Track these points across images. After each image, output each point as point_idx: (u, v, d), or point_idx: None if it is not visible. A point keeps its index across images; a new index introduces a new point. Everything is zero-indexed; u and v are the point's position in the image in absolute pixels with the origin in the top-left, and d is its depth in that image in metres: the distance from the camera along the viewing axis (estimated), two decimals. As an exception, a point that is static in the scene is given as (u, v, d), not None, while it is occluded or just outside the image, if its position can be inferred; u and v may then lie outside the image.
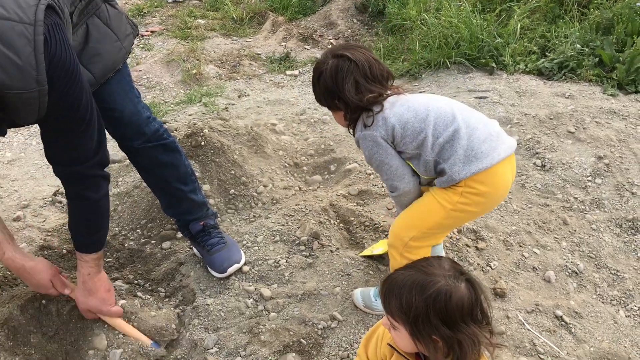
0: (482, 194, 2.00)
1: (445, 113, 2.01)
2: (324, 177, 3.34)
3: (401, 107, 2.03)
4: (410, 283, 1.45)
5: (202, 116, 4.02)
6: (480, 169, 1.95)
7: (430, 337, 1.44)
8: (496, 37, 4.59)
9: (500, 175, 2.00)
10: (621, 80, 4.07)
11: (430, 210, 2.07)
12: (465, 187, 1.99)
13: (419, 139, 1.99)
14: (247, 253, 2.69)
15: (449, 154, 1.97)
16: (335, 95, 2.06)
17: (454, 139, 1.96)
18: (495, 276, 2.61)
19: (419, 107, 2.02)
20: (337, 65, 2.03)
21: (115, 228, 2.93)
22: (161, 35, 5.47)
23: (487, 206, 2.11)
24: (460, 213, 2.04)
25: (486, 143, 1.97)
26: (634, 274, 2.72)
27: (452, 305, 1.41)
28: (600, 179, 3.20)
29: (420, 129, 1.99)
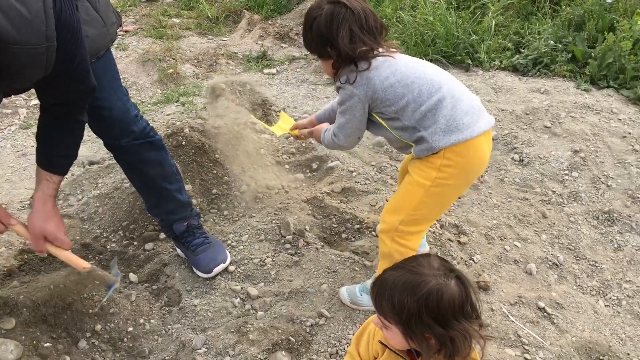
0: (459, 167, 2.00)
1: (431, 81, 1.99)
2: (307, 175, 3.34)
3: (387, 69, 2.00)
4: (402, 284, 1.46)
5: (181, 116, 3.98)
6: (461, 139, 1.95)
7: (423, 336, 1.45)
8: (471, 34, 4.65)
9: (478, 149, 2.01)
10: (594, 76, 4.16)
11: (410, 191, 2.09)
12: (443, 159, 1.99)
13: (399, 104, 1.98)
14: (232, 252, 2.68)
15: (431, 122, 1.97)
16: (327, 42, 2.00)
17: (437, 107, 1.96)
18: (478, 270, 2.64)
19: (406, 72, 2.00)
20: (332, 12, 1.97)
21: (96, 230, 2.89)
22: (136, 35, 5.40)
23: (464, 180, 2.10)
24: (440, 188, 2.04)
25: (468, 115, 1.98)
26: (611, 265, 2.79)
27: (444, 304, 1.42)
28: (576, 173, 3.27)
29: (402, 94, 1.98)
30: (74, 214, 2.97)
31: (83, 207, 3.01)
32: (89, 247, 2.79)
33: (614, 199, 3.14)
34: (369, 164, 3.35)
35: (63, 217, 2.86)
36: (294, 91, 4.45)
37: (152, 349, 2.28)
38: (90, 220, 2.95)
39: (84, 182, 3.23)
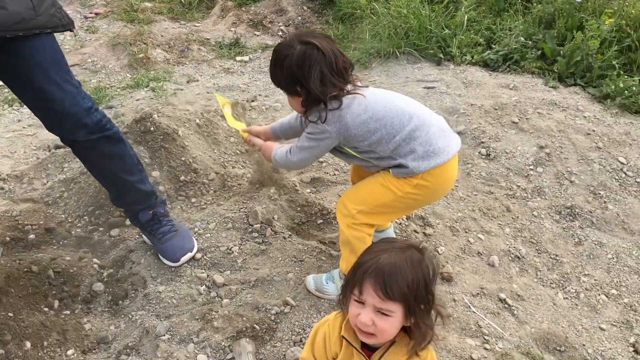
0: (433, 187, 2.11)
1: (402, 112, 2.06)
2: (276, 164, 3.34)
3: (358, 106, 2.05)
4: (402, 261, 1.47)
5: (150, 101, 3.94)
6: (439, 163, 2.05)
7: (420, 307, 1.49)
8: (444, 28, 4.68)
9: (450, 170, 2.13)
10: (562, 73, 4.24)
11: (381, 191, 2.14)
12: (420, 179, 2.07)
13: (372, 138, 2.05)
14: (199, 240, 2.67)
15: (406, 151, 2.05)
16: (297, 82, 2.03)
17: (412, 137, 2.04)
18: (443, 261, 2.69)
19: (376, 107, 2.06)
20: (304, 53, 1.99)
21: (61, 215, 2.85)
22: (106, 18, 5.31)
23: (434, 197, 2.26)
24: (409, 200, 2.14)
25: (441, 139, 2.08)
26: (571, 259, 2.86)
27: (432, 273, 1.51)
28: (541, 168, 3.34)
29: (375, 129, 2.04)
30: (38, 198, 2.92)
31: (48, 192, 2.96)
32: (53, 231, 2.76)
33: (577, 194, 3.22)
34: (338, 155, 3.37)
35: (27, 201, 2.84)
36: (266, 79, 4.43)
37: (115, 335, 2.27)
38: (55, 205, 2.91)
39: (49, 166, 3.18)
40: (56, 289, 2.43)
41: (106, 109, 3.88)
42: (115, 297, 2.46)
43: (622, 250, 2.94)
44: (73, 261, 2.58)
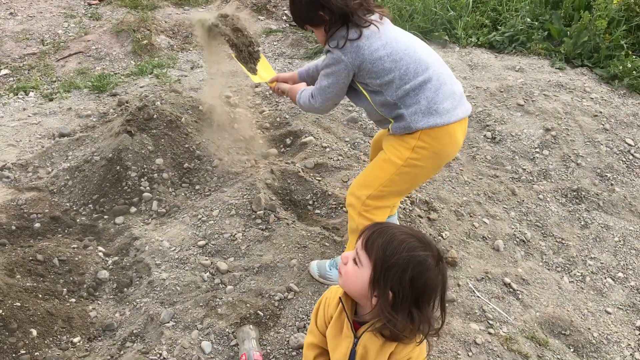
0: (433, 150, 2.04)
1: (419, 60, 2.00)
2: (280, 150, 3.33)
3: (378, 41, 1.99)
4: (404, 237, 1.48)
5: (154, 88, 3.92)
6: (438, 123, 1.99)
7: (386, 289, 1.47)
8: (449, 10, 4.63)
9: (453, 135, 2.05)
10: (568, 54, 4.18)
11: (382, 167, 2.12)
12: (418, 140, 2.01)
13: (385, 78, 1.99)
14: (202, 227, 2.68)
15: (412, 102, 1.99)
16: (318, 4, 1.97)
17: (421, 88, 1.98)
18: (447, 246, 2.68)
19: (396, 47, 2.00)
20: None
21: (66, 203, 2.87)
22: (110, 5, 5.28)
23: (435, 163, 2.13)
24: (411, 168, 2.08)
25: (448, 100, 2.01)
26: (577, 242, 2.85)
27: (425, 279, 1.45)
28: (547, 151, 3.31)
29: (389, 69, 1.98)
30: (43, 187, 2.93)
31: (53, 180, 2.97)
32: (58, 220, 2.77)
33: (583, 177, 3.19)
34: (342, 140, 3.36)
35: (32, 189, 2.85)
36: (270, 64, 4.40)
37: (120, 323, 2.29)
38: (60, 193, 2.92)
39: (53, 154, 3.18)
40: (62, 277, 2.45)
41: (110, 96, 3.87)
42: (120, 284, 2.48)
43: (628, 233, 2.92)
44: (78, 249, 2.60)
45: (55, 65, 4.37)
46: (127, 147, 2.95)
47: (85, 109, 3.72)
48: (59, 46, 4.60)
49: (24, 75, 4.25)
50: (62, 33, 4.81)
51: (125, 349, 2.15)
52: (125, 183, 2.89)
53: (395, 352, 1.58)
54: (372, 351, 1.59)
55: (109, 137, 3.08)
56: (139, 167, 2.92)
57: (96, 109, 3.71)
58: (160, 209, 2.85)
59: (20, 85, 4.05)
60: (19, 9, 5.12)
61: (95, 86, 3.98)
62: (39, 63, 4.39)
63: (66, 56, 4.47)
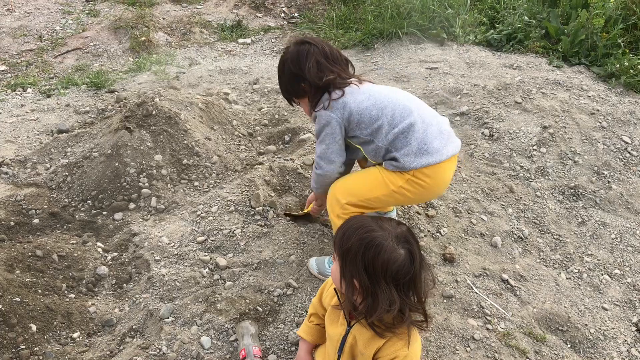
0: (424, 186, 2.14)
1: (403, 106, 2.12)
2: (279, 147, 3.34)
3: (362, 95, 2.14)
4: (359, 225, 1.53)
5: (153, 85, 3.93)
6: (430, 163, 2.09)
7: (351, 279, 1.51)
8: (447, 8, 4.64)
9: (444, 171, 2.16)
10: (566, 52, 4.20)
11: (375, 184, 2.18)
12: (412, 176, 2.12)
13: (374, 126, 2.11)
14: (201, 223, 2.68)
15: (402, 145, 2.09)
16: (299, 78, 2.16)
17: (409, 131, 2.09)
18: (445, 242, 2.69)
19: (379, 97, 2.13)
20: (298, 50, 2.17)
21: (64, 199, 2.87)
22: (107, 1, 5.27)
23: (425, 196, 2.27)
24: (400, 196, 2.18)
25: (437, 140, 2.12)
26: (574, 239, 2.86)
27: (379, 259, 1.47)
28: (545, 148, 3.32)
29: (377, 117, 2.10)
30: (41, 183, 2.94)
31: (51, 176, 2.97)
32: (57, 216, 2.77)
33: (580, 174, 3.20)
34: (341, 137, 3.36)
35: (30, 185, 2.85)
36: (268, 62, 4.41)
37: (119, 318, 2.29)
38: (59, 189, 2.92)
39: (52, 150, 3.18)
40: (61, 273, 2.45)
41: (108, 93, 3.87)
42: (119, 280, 2.48)
43: (625, 230, 2.93)
44: (77, 245, 2.60)
45: (53, 62, 4.37)
46: (126, 144, 2.95)
47: (83, 105, 3.72)
48: (56, 42, 4.60)
49: (21, 71, 4.25)
50: (59, 29, 4.80)
51: (125, 344, 2.15)
52: (124, 179, 2.89)
53: (382, 348, 1.60)
54: (360, 342, 1.63)
55: (108, 133, 3.08)
56: (137, 163, 2.92)
57: (94, 105, 3.71)
58: (159, 205, 2.85)
59: (18, 82, 4.04)
60: (17, 5, 5.11)
61: (94, 83, 3.98)
62: (36, 59, 4.39)
63: (64, 52, 4.47)
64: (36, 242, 2.55)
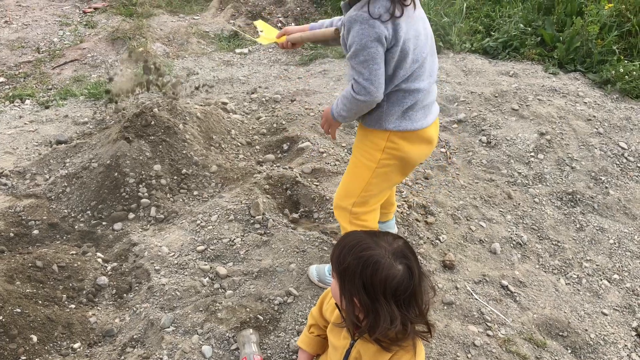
0: (402, 149, 2.02)
1: (430, 69, 1.97)
2: (277, 155, 3.35)
3: (412, 27, 1.83)
4: (355, 242, 1.51)
5: (151, 95, 3.94)
6: (409, 129, 1.97)
7: (351, 297, 1.49)
8: (443, 16, 4.67)
9: (422, 135, 2.03)
10: (561, 59, 4.22)
11: (357, 174, 2.11)
12: (387, 141, 2.00)
13: (394, 67, 1.87)
14: (201, 232, 2.69)
15: (395, 100, 1.94)
16: None
17: (411, 94, 1.93)
18: (445, 249, 2.70)
19: (421, 45, 1.89)
20: None
21: (64, 210, 2.87)
22: (105, 12, 5.30)
23: (408, 162, 2.10)
24: (385, 169, 2.07)
25: (422, 111, 1.99)
26: (573, 244, 2.87)
27: (377, 277, 1.44)
28: (542, 155, 3.34)
29: (403, 63, 1.86)
30: (41, 194, 2.94)
31: (51, 187, 2.98)
32: (57, 226, 2.77)
33: (578, 180, 3.22)
34: (339, 145, 3.38)
35: (30, 196, 2.85)
36: (265, 71, 4.43)
37: (120, 328, 2.29)
38: (58, 200, 2.92)
39: (51, 161, 3.19)
40: (61, 283, 2.45)
41: (106, 103, 3.88)
42: (119, 290, 2.48)
43: (623, 236, 2.95)
44: (77, 255, 2.60)
45: (51, 73, 4.38)
46: (125, 154, 2.95)
47: (81, 116, 3.73)
48: (54, 54, 4.62)
49: (20, 83, 4.26)
50: (57, 41, 4.82)
51: (126, 354, 2.15)
52: (124, 189, 2.89)
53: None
54: (365, 357, 1.60)
55: (107, 143, 3.09)
56: (137, 173, 2.93)
57: (93, 116, 3.72)
58: (159, 215, 2.85)
59: (16, 93, 4.05)
60: (14, 18, 5.13)
61: (92, 93, 4.00)
62: (34, 71, 4.40)
63: (62, 64, 4.48)
64: (36, 253, 2.55)
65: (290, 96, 3.92)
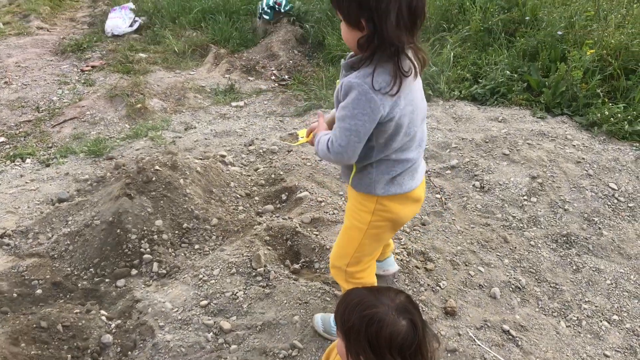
0: (394, 212, 2.05)
1: (419, 140, 1.98)
2: (276, 206, 3.41)
3: (407, 101, 1.80)
4: (357, 300, 1.53)
5: (150, 150, 4.02)
6: (397, 192, 2.00)
7: (358, 356, 1.51)
8: (431, 65, 4.82)
9: (410, 196, 2.06)
10: (548, 104, 4.36)
11: (350, 236, 2.16)
12: (377, 204, 2.03)
13: (385, 139, 1.87)
14: (204, 287, 2.72)
15: (384, 169, 1.96)
16: (368, 13, 1.65)
17: (399, 163, 1.96)
18: (445, 295, 2.73)
19: (414, 118, 1.88)
20: None
21: (67, 268, 2.89)
22: (102, 70, 5.43)
23: (398, 222, 2.13)
24: (375, 230, 2.11)
25: (409, 175, 2.02)
26: (571, 286, 2.91)
27: (382, 334, 1.46)
28: (535, 198, 3.42)
29: (394, 137, 1.87)
30: (44, 253, 2.97)
31: (53, 246, 3.01)
32: (60, 285, 2.79)
33: (571, 222, 3.28)
34: (337, 194, 3.44)
35: (32, 255, 2.88)
36: (262, 123, 4.53)
37: (126, 387, 2.29)
38: (61, 259, 2.95)
39: (54, 220, 3.23)
40: (66, 343, 2.46)
41: (107, 160, 3.95)
42: (124, 348, 2.49)
43: (620, 276, 2.99)
44: (81, 314, 2.61)
45: (50, 132, 4.46)
46: (127, 210, 3.00)
47: (82, 173, 3.79)
48: (54, 112, 4.71)
49: (20, 142, 4.33)
50: (56, 100, 4.92)
51: (133, 413, 2.15)
52: (126, 245, 2.93)
53: None
54: None
55: (109, 200, 3.14)
56: (139, 229, 2.97)
57: (93, 173, 3.78)
58: (161, 270, 2.88)
59: (17, 152, 4.12)
60: (14, 78, 5.25)
61: (92, 150, 4.07)
62: (34, 130, 4.49)
63: (61, 122, 4.57)
64: (40, 313, 2.57)
65: (287, 147, 4.01)
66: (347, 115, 1.77)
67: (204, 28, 6.22)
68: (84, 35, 6.32)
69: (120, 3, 6.90)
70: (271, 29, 6.10)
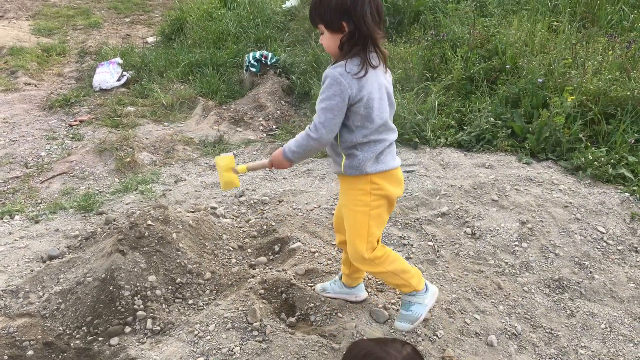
0: (385, 189, 2.37)
1: (393, 127, 2.37)
2: (269, 257, 3.40)
3: (376, 84, 2.21)
4: (365, 353, 1.57)
5: (140, 204, 4.02)
6: (384, 169, 2.34)
7: None
8: (417, 114, 4.92)
9: (395, 175, 2.42)
10: (533, 149, 4.45)
11: (357, 222, 2.40)
12: (371, 183, 2.34)
13: (360, 122, 2.23)
14: (199, 343, 2.68)
15: (367, 149, 2.29)
16: (347, 15, 2.09)
17: (381, 142, 2.31)
18: (442, 345, 2.72)
19: (382, 105, 2.26)
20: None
21: (59, 327, 2.84)
22: (91, 125, 5.46)
23: (390, 199, 2.43)
24: (377, 209, 2.39)
25: (390, 156, 2.38)
26: (566, 331, 2.92)
27: None
28: (526, 243, 3.46)
29: (370, 118, 2.22)
30: (35, 312, 2.92)
31: (45, 304, 2.96)
32: (52, 345, 2.74)
33: (563, 266, 3.32)
34: (329, 244, 3.45)
35: (23, 315, 2.84)
36: (251, 174, 4.57)
37: None
38: (53, 318, 2.90)
39: (44, 278, 3.19)
40: (59, 407, 2.40)
41: (97, 215, 3.94)
42: (119, 409, 2.43)
43: (614, 319, 3.01)
44: (74, 375, 2.56)
45: (39, 187, 4.45)
46: (120, 267, 2.98)
47: (72, 229, 3.76)
48: (42, 168, 4.71)
49: (8, 199, 4.31)
50: (45, 155, 4.93)
51: None
52: (119, 303, 2.89)
53: None
54: None
55: (101, 257, 3.12)
56: (132, 285, 2.94)
57: (84, 228, 3.76)
58: (155, 327, 2.84)
59: (5, 210, 4.09)
60: (1, 134, 5.25)
61: (81, 206, 4.05)
62: (23, 186, 4.47)
63: (50, 177, 4.56)
64: (32, 375, 2.51)
65: (278, 197, 4.03)
66: (323, 98, 2.16)
67: (191, 81, 6.32)
68: (71, 90, 6.38)
69: (108, 58, 7.00)
70: (258, 80, 6.22)
